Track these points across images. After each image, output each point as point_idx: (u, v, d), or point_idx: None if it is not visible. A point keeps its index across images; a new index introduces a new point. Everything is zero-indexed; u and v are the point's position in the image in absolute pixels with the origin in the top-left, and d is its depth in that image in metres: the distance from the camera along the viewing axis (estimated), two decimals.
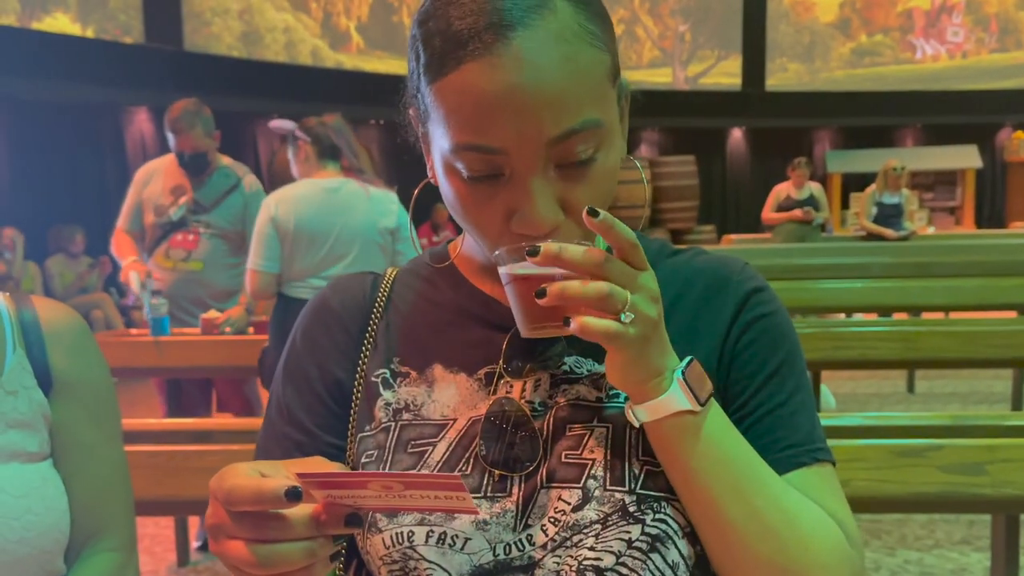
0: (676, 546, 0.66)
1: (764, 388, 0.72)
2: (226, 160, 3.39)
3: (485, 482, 0.68)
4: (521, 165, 0.62)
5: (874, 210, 6.88)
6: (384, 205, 2.68)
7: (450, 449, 0.70)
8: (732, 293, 0.74)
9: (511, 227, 0.64)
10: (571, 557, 0.65)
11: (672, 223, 10.92)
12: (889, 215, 6.84)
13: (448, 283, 0.77)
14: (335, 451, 0.75)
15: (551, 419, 0.69)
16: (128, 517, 1.00)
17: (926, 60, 13.29)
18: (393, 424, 0.72)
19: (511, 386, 0.71)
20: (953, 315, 5.12)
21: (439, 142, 0.65)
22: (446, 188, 0.67)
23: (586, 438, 0.68)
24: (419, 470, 0.69)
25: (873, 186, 6.94)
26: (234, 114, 3.43)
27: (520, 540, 0.66)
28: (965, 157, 11.90)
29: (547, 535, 0.65)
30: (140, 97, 8.09)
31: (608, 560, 0.64)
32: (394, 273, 0.81)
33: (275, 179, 3.17)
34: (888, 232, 6.75)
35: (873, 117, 12.46)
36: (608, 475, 0.66)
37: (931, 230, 9.25)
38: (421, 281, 0.79)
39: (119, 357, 3.03)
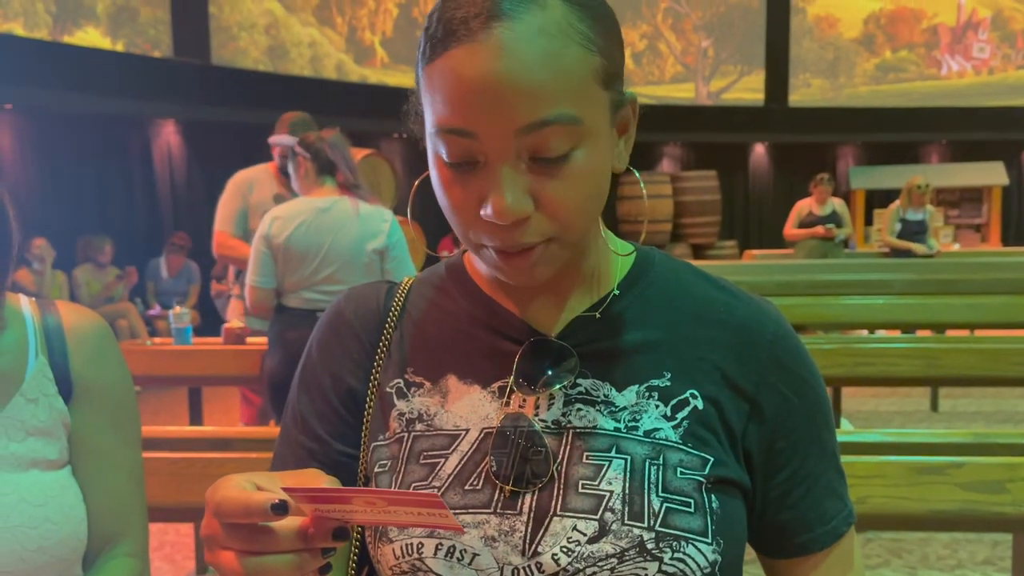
0: None
1: (814, 459, 0.74)
2: None
3: (496, 497, 0.68)
4: (492, 152, 0.62)
5: (898, 227, 6.83)
6: (375, 225, 2.73)
7: (462, 462, 0.70)
8: (770, 354, 0.74)
9: (480, 213, 0.64)
10: None
11: (694, 238, 10.89)
12: (913, 232, 6.78)
13: (462, 293, 0.77)
14: (348, 459, 0.75)
15: (567, 444, 0.69)
16: (143, 523, 1.01)
17: (952, 76, 13.19)
18: (406, 435, 0.72)
19: (524, 400, 0.71)
20: (977, 333, 5.06)
21: (428, 127, 0.66)
22: (432, 174, 0.68)
23: (604, 469, 0.67)
24: (430, 482, 0.69)
25: (897, 202, 6.89)
26: (260, 127, 3.48)
27: (529, 566, 0.65)
28: (991, 174, 11.77)
29: (558, 564, 0.65)
30: (168, 110, 8.21)
31: None
32: (409, 283, 0.81)
33: None
34: (915, 246, 6.69)
35: (897, 133, 12.37)
36: (626, 509, 0.66)
37: (956, 247, 9.16)
38: (435, 291, 0.79)
39: (142, 366, 3.08)
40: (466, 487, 0.69)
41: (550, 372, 0.71)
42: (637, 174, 0.78)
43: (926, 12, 13.19)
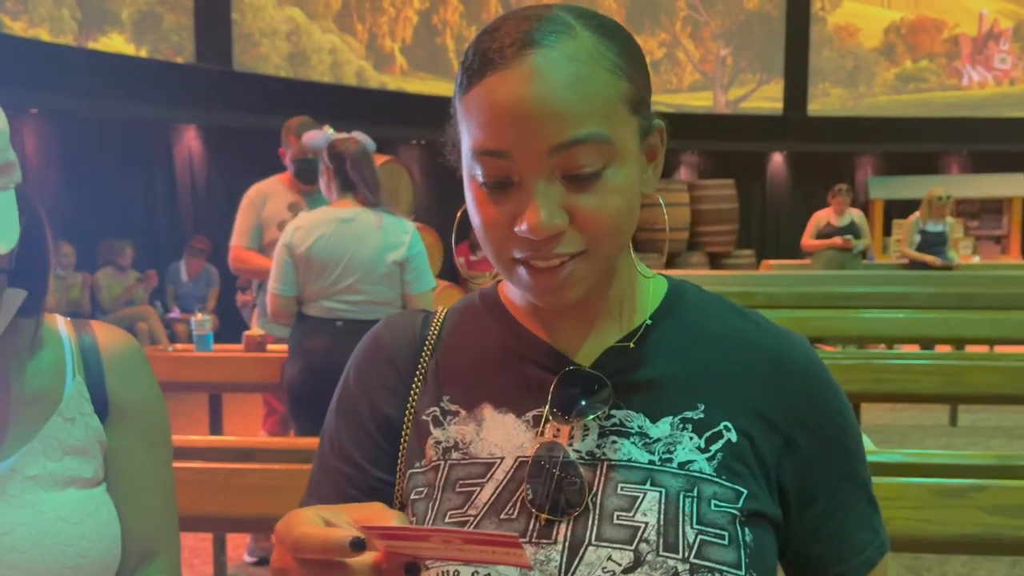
0: None
1: (846, 492, 0.75)
2: None
3: (531, 526, 0.69)
4: (526, 171, 0.65)
5: (917, 238, 6.78)
6: (396, 237, 2.75)
7: (497, 492, 0.71)
8: (800, 386, 0.75)
9: (514, 229, 0.66)
10: None
11: (711, 247, 10.86)
12: (933, 243, 6.73)
13: (496, 322, 0.79)
14: (383, 485, 0.77)
15: (601, 475, 0.70)
16: (176, 540, 1.02)
17: (972, 86, 13.10)
18: (442, 463, 0.74)
19: (558, 430, 0.72)
20: (998, 349, 5.01)
21: (464, 153, 0.70)
22: (468, 198, 0.70)
23: (638, 501, 0.69)
24: (466, 510, 0.71)
25: (917, 213, 6.84)
26: (280, 132, 3.53)
27: None
28: (1012, 185, 11.67)
29: None
30: (190, 115, 8.28)
31: None
32: (444, 312, 0.83)
33: None
34: (932, 259, 6.64)
35: (917, 143, 12.29)
36: (661, 540, 0.67)
37: (976, 259, 9.08)
38: (470, 320, 0.81)
39: (163, 372, 3.10)
40: (501, 516, 0.70)
41: (584, 402, 0.72)
42: (662, 202, 0.80)
43: (947, 22, 13.11)
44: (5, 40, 6.90)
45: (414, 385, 0.78)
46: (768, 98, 12.75)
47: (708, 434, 0.72)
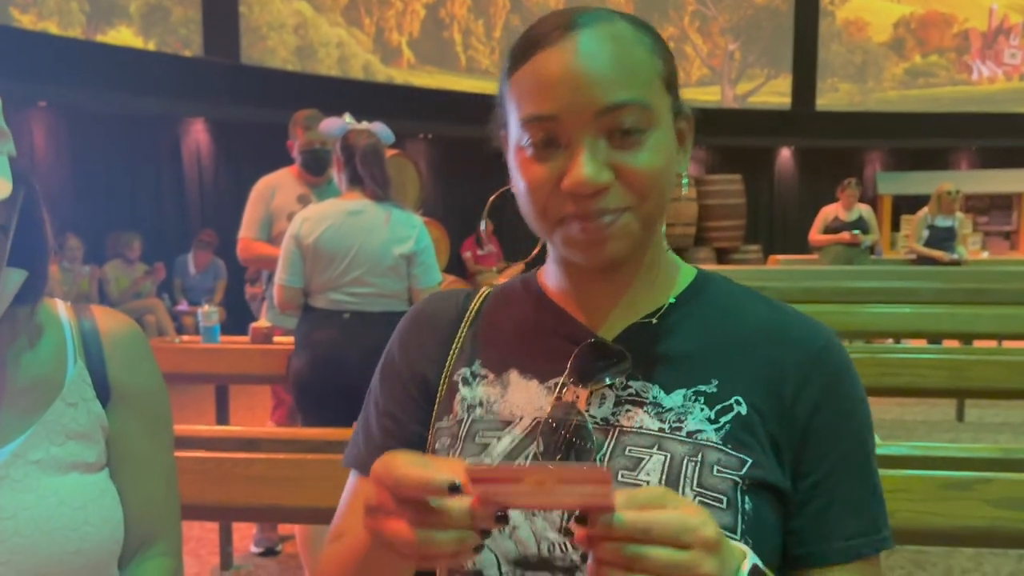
0: None
1: (841, 473, 0.76)
2: None
3: None
4: (574, 131, 0.70)
5: (926, 233, 6.75)
6: (403, 231, 2.75)
7: (512, 443, 0.76)
8: (814, 365, 0.76)
9: (562, 186, 0.70)
10: None
11: (718, 241, 10.83)
12: (941, 239, 6.70)
13: (532, 302, 0.84)
14: (418, 439, 0.83)
15: (612, 439, 0.74)
16: (177, 524, 1.03)
17: (982, 81, 13.03)
18: (466, 417, 0.80)
19: (576, 395, 0.76)
20: (1006, 344, 4.99)
21: (512, 129, 0.74)
22: (514, 170, 0.75)
23: (643, 462, 0.72)
24: (482, 459, 0.76)
25: (925, 209, 6.81)
26: (287, 126, 3.53)
27: (564, 543, 0.71)
28: (1021, 181, 11.61)
29: None
30: (197, 108, 8.30)
31: None
32: (486, 292, 0.89)
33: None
34: (940, 254, 6.61)
35: (926, 139, 12.24)
36: None
37: (985, 255, 9.04)
38: (509, 299, 0.87)
39: (170, 363, 3.11)
40: (514, 465, 0.74)
41: (604, 371, 0.76)
42: (685, 184, 0.82)
43: (957, 17, 13.03)
44: (14, 33, 6.93)
45: (452, 351, 0.84)
46: (776, 93, 12.71)
47: (719, 407, 0.74)
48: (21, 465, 0.89)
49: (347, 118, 3.05)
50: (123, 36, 7.96)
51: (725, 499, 0.70)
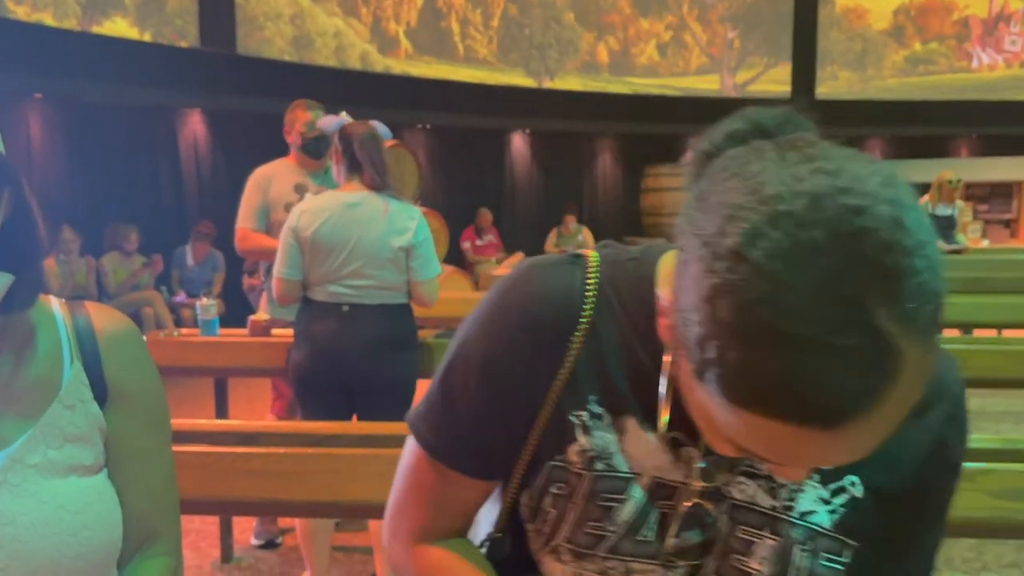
0: None
1: (913, 533, 0.76)
2: None
3: (662, 552, 0.74)
4: (788, 470, 0.62)
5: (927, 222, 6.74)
6: (402, 223, 2.73)
7: (636, 511, 0.74)
8: (934, 433, 0.74)
9: (769, 469, 0.67)
10: None
11: None
12: (942, 227, 6.69)
13: (649, 322, 0.73)
14: (489, 449, 0.79)
15: (727, 515, 0.73)
16: (177, 521, 1.02)
17: (982, 69, 12.99)
18: (587, 473, 0.75)
19: (692, 456, 0.73)
20: (1006, 333, 4.99)
21: (718, 412, 0.56)
22: (704, 419, 0.62)
23: (755, 546, 0.72)
24: (606, 525, 0.74)
25: (926, 197, 6.80)
26: (285, 116, 3.54)
27: None
28: (1022, 168, 11.59)
29: None
30: (194, 99, 8.27)
31: None
32: (596, 279, 0.76)
33: None
34: (940, 243, 6.60)
35: (926, 127, 12.21)
36: None
37: (985, 243, 9.03)
38: (623, 309, 0.75)
39: (168, 356, 3.11)
40: (637, 536, 0.74)
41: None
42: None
43: (957, 4, 12.99)
44: (9, 24, 6.89)
45: (561, 371, 0.75)
46: (776, 81, 12.67)
47: (833, 487, 0.73)
48: (19, 470, 0.88)
49: (344, 116, 3.05)
50: (119, 27, 7.92)
51: None
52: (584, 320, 0.74)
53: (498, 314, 0.77)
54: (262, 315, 3.31)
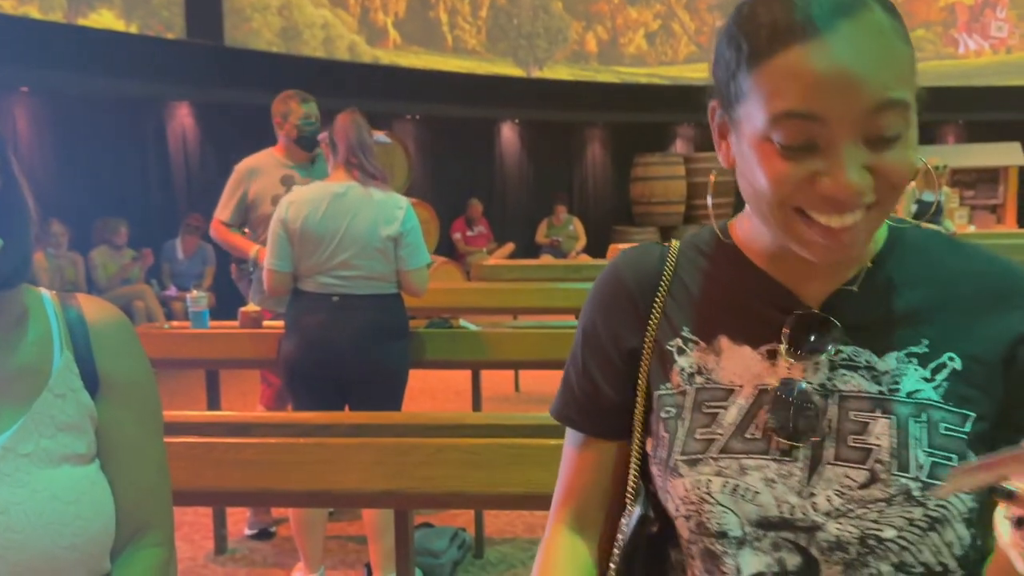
0: (954, 528, 0.73)
1: None
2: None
3: (771, 447, 0.78)
4: (837, 133, 0.68)
5: (914, 208, 6.79)
6: (388, 212, 2.74)
7: (740, 414, 0.79)
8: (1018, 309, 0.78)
9: (819, 188, 0.70)
10: (853, 526, 0.73)
11: (707, 219, 10.83)
12: (929, 214, 6.73)
13: (731, 263, 0.85)
14: (613, 405, 0.87)
15: (835, 404, 0.77)
16: (169, 512, 1.02)
17: (969, 55, 13.03)
18: (689, 387, 0.82)
19: (791, 363, 0.79)
20: None
21: (753, 119, 0.71)
22: (752, 162, 0.73)
23: (871, 426, 0.76)
24: (714, 429, 0.79)
25: (912, 183, 6.84)
26: (273, 107, 3.54)
27: (804, 505, 0.75)
28: (1008, 154, 11.64)
29: (831, 504, 0.74)
30: (182, 92, 8.22)
31: (889, 532, 0.73)
32: (677, 248, 0.90)
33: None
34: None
35: None
36: (894, 462, 0.74)
37: (972, 229, 9.09)
38: (704, 258, 0.87)
39: (160, 349, 3.11)
40: (746, 435, 0.78)
41: (814, 339, 0.79)
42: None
43: None
44: None
45: (652, 317, 0.86)
46: None
47: (933, 365, 0.77)
48: (12, 459, 0.88)
49: (383, 136, 3.08)
50: (105, 19, 7.86)
51: (955, 457, 0.73)
52: (668, 270, 0.87)
53: (594, 287, 0.91)
54: (252, 307, 3.32)
